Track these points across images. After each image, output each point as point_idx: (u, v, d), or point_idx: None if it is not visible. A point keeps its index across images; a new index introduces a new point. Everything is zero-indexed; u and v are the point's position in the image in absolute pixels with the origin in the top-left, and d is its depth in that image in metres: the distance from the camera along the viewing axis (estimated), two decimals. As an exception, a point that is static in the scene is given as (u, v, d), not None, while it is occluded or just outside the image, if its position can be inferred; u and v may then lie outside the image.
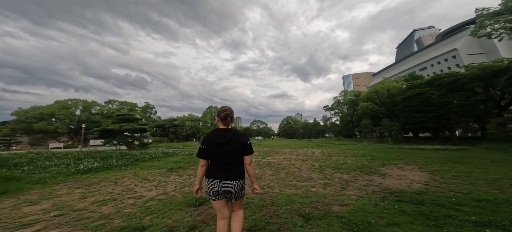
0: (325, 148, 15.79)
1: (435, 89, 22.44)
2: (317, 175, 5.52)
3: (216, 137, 1.73)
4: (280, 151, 13.47)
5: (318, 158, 9.33)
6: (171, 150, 14.86)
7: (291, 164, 7.63)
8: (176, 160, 9.49)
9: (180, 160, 9.46)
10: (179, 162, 8.55)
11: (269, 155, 11.09)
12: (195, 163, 8.26)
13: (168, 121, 25.98)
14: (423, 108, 22.55)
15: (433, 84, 22.89)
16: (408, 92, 24.16)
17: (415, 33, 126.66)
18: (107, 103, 54.87)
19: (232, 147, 1.71)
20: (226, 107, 1.83)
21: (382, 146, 16.98)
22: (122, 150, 13.68)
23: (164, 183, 4.99)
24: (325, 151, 12.49)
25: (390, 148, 14.48)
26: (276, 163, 8.07)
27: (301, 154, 11.39)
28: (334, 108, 56.40)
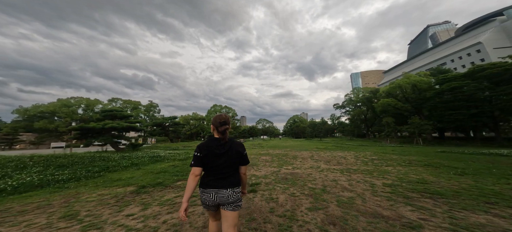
0: (350, 150, 12.87)
1: (477, 82, 18.95)
2: (418, 216, 2.73)
3: (214, 146, 1.63)
4: (297, 155, 10.71)
5: (361, 167, 6.53)
6: (164, 152, 12.38)
7: (330, 180, 4.89)
8: (161, 168, 6.94)
9: (167, 168, 6.91)
10: (162, 174, 5.99)
11: (287, 161, 8.38)
12: (185, 176, 5.68)
13: (167, 119, 23.79)
14: (463, 104, 19.13)
15: (474, 76, 19.39)
16: (442, 87, 20.73)
17: (429, 29, 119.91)
18: (110, 102, 53.90)
19: (231, 157, 1.65)
20: (224, 117, 1.71)
21: (420, 149, 13.81)
22: (108, 152, 11.32)
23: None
24: (357, 155, 9.63)
25: (443, 152, 11.19)
26: (304, 177, 5.35)
27: (329, 159, 8.59)
28: (345, 106, 53.05)
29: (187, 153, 13.22)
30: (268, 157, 10.09)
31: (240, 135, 59.31)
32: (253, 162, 8.51)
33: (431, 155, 9.51)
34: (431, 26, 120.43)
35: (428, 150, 12.50)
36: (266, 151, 14.31)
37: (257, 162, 8.36)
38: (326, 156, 9.76)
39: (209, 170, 1.64)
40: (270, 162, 8.47)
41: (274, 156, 10.77)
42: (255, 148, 17.54)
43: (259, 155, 11.13)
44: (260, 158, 9.71)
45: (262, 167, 7.06)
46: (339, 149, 14.73)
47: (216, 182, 1.60)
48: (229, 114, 66.57)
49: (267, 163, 8.01)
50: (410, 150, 13.26)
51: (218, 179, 1.61)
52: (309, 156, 9.97)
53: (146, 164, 7.82)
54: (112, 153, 11.18)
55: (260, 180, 5.04)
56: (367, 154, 10.10)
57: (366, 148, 14.77)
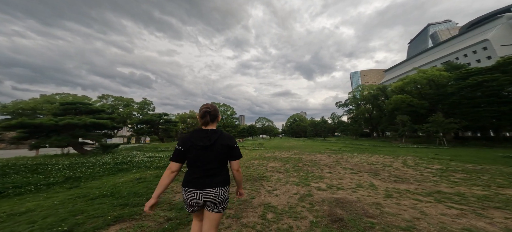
0: (374, 153, 10.39)
1: (509, 75, 16.68)
2: None
3: (197, 138, 1.42)
4: (315, 159, 8.16)
5: (444, 184, 4.00)
6: (144, 156, 9.68)
7: (433, 218, 2.32)
8: (112, 186, 4.31)
9: (123, 185, 4.30)
10: (101, 200, 3.37)
11: (309, 171, 5.85)
12: (143, 201, 3.06)
13: (156, 115, 20.96)
14: (493, 100, 16.87)
15: (506, 69, 17.12)
16: (467, 81, 18.44)
17: (430, 28, 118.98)
18: (100, 98, 50.60)
19: (217, 151, 1.43)
20: (207, 104, 1.53)
21: (461, 151, 11.40)
22: (67, 157, 8.58)
23: None
24: (396, 160, 7.15)
25: (508, 156, 8.57)
26: (371, 213, 2.78)
27: (367, 168, 6.07)
28: (348, 105, 50.91)
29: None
30: (278, 163, 7.53)
31: (239, 133, 56.90)
32: (260, 172, 5.94)
33: (499, 160, 7.07)
34: (432, 25, 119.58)
35: (483, 153, 10.04)
36: (272, 153, 11.75)
37: (265, 173, 5.80)
38: (356, 162, 7.24)
39: (193, 166, 1.43)
40: (284, 171, 5.91)
41: (285, 160, 8.22)
42: (256, 149, 14.96)
43: (265, 160, 8.58)
44: (267, 165, 7.15)
45: (276, 183, 4.52)
46: (356, 150, 12.25)
47: (201, 180, 1.40)
48: (228, 112, 63.80)
49: (281, 175, 5.46)
50: (450, 152, 10.86)
51: (204, 177, 1.41)
52: (333, 162, 7.44)
53: (95, 177, 5.15)
54: (67, 158, 8.43)
55: (284, 223, 2.48)
56: (410, 160, 7.58)
57: (391, 151, 12.32)
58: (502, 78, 16.60)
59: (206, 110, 1.48)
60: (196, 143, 1.39)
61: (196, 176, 1.40)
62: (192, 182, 1.39)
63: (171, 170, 1.39)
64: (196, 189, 1.38)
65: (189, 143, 1.40)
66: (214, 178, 1.41)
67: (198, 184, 1.38)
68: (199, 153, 1.39)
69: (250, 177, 5.36)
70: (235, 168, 1.51)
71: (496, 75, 16.96)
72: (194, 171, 1.41)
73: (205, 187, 1.38)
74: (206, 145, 1.40)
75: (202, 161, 1.40)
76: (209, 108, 1.49)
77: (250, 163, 7.79)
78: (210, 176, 1.40)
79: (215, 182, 1.40)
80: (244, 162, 8.23)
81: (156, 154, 10.91)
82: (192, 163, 1.42)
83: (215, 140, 1.42)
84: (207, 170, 1.40)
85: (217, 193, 1.38)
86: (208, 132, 1.45)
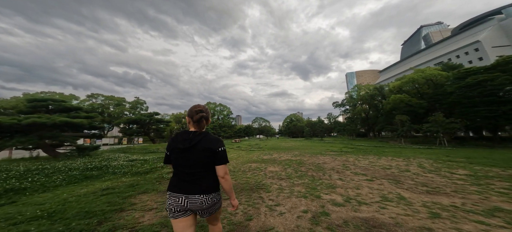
0: (381, 155, 9.68)
1: (508, 75, 16.45)
2: None
3: (180, 140, 1.32)
4: (318, 162, 7.31)
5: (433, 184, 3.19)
6: (126, 159, 8.55)
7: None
8: (66, 199, 3.25)
9: (79, 200, 3.24)
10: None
11: (316, 178, 4.99)
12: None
13: (146, 115, 19.58)
14: (494, 100, 16.60)
15: (505, 68, 16.89)
16: (467, 80, 18.15)
17: (422, 30, 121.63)
18: (89, 97, 48.33)
19: (198, 154, 1.30)
20: (200, 106, 1.43)
21: (468, 152, 10.84)
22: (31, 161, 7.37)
23: None
24: (394, 163, 6.40)
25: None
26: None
27: (382, 173, 5.26)
28: (345, 105, 50.80)
29: (163, 158, 9.51)
30: (278, 167, 6.62)
31: (236, 134, 55.88)
32: (257, 179, 5.03)
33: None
34: (424, 26, 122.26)
35: (495, 155, 9.44)
36: (269, 154, 10.84)
37: (264, 180, 4.89)
38: (366, 166, 6.42)
39: (176, 170, 1.36)
40: (285, 178, 5.01)
41: (285, 163, 7.32)
42: (253, 150, 14.02)
43: (263, 162, 7.66)
44: (266, 170, 6.23)
45: (278, 195, 3.61)
46: (359, 152, 11.51)
47: (184, 185, 1.30)
48: (224, 112, 62.60)
49: (283, 183, 4.55)
50: (459, 153, 10.26)
51: (186, 182, 1.30)
52: (339, 165, 6.59)
53: (48, 188, 4.07)
54: (31, 162, 7.21)
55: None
56: (425, 163, 6.82)
57: (397, 152, 11.67)
58: (502, 77, 16.35)
59: (203, 115, 1.39)
60: (177, 146, 1.32)
61: (179, 180, 1.32)
62: (176, 186, 1.31)
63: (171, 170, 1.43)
64: (180, 194, 1.29)
65: (171, 146, 1.36)
66: (198, 183, 1.30)
67: (182, 189, 1.29)
68: (179, 155, 1.32)
69: (247, 185, 4.43)
70: (221, 174, 1.35)
71: (496, 74, 16.70)
72: (177, 174, 1.35)
73: (190, 193, 1.28)
74: (186, 147, 1.30)
75: (183, 164, 1.31)
76: (205, 112, 1.41)
77: (247, 167, 6.86)
78: (193, 182, 1.30)
79: (200, 188, 1.29)
80: (240, 165, 7.30)
81: (142, 157, 9.79)
82: (175, 166, 1.36)
83: (196, 142, 1.31)
84: (189, 174, 1.30)
85: (203, 200, 1.29)
86: (191, 133, 1.35)
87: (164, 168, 6.73)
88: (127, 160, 8.06)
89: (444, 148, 14.36)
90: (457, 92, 18.88)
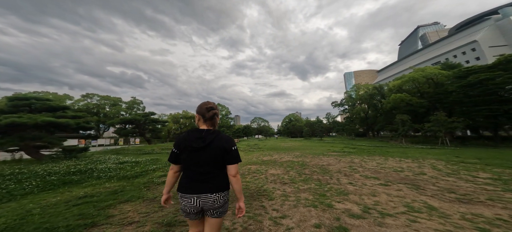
0: (387, 156, 9.27)
1: (510, 73, 16.23)
2: None
3: (192, 139, 1.29)
4: (322, 164, 6.84)
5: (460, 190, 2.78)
6: (116, 162, 7.95)
7: None
8: (29, 210, 2.69)
9: (45, 211, 2.69)
10: None
11: (324, 183, 4.52)
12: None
13: (141, 115, 18.82)
14: (496, 99, 16.39)
15: (507, 67, 16.67)
16: (469, 79, 17.90)
17: (419, 30, 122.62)
18: (84, 97, 47.23)
19: (212, 153, 1.28)
20: (210, 103, 1.39)
21: (469, 151, 10.51)
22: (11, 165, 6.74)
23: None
24: (404, 164, 5.96)
25: None
26: None
27: (400, 178, 4.79)
28: (344, 104, 50.64)
29: (157, 159, 8.92)
30: (280, 170, 6.11)
31: (234, 134, 55.33)
32: (258, 183, 4.53)
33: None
34: (421, 27, 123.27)
35: (506, 155, 9.08)
36: (270, 155, 10.33)
37: (266, 184, 4.40)
38: (375, 168, 5.95)
39: (187, 170, 1.32)
40: (289, 182, 4.52)
41: (287, 165, 6.83)
42: (252, 151, 13.51)
43: (263, 164, 7.15)
44: (267, 173, 5.72)
45: (283, 204, 3.12)
46: (362, 152, 11.10)
47: (196, 185, 1.27)
48: (223, 112, 61.85)
49: (287, 188, 4.06)
50: (467, 153, 9.89)
51: (199, 182, 1.28)
52: (346, 168, 6.11)
53: (15, 197, 3.50)
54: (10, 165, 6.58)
55: None
56: (439, 165, 6.39)
57: (401, 152, 11.28)
58: (505, 76, 16.12)
59: (216, 112, 1.37)
60: (191, 144, 1.27)
61: (191, 180, 1.29)
62: (188, 186, 1.28)
63: (174, 170, 1.38)
64: (192, 194, 1.27)
65: (183, 144, 1.29)
66: (211, 182, 1.28)
67: (195, 189, 1.27)
68: (192, 155, 1.28)
69: (247, 191, 3.93)
70: (232, 173, 1.33)
71: (498, 73, 16.47)
72: (188, 174, 1.31)
73: (203, 192, 1.26)
74: (200, 147, 1.26)
75: (196, 163, 1.28)
76: (214, 108, 1.38)
77: (246, 169, 6.34)
78: (206, 181, 1.28)
79: (212, 186, 1.28)
80: (239, 168, 6.78)
81: (135, 158, 9.18)
82: (186, 166, 1.32)
83: (210, 141, 1.27)
84: (202, 173, 1.28)
85: (216, 198, 1.27)
86: (203, 132, 1.30)
87: (155, 171, 6.17)
88: (117, 162, 7.47)
89: (448, 148, 14.03)
90: (459, 91, 18.63)
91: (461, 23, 66.70)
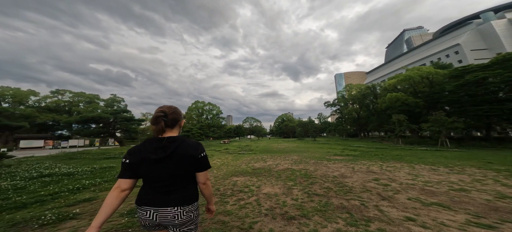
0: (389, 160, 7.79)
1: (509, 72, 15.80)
2: None
3: (150, 149, 1.09)
4: (333, 175, 5.08)
5: None
6: (29, 172, 5.55)
7: None
8: None
9: None
10: None
11: (355, 213, 2.65)
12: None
13: (109, 112, 15.74)
14: (495, 98, 15.88)
15: (506, 65, 16.22)
16: (467, 78, 17.34)
17: (405, 33, 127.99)
18: (54, 94, 42.12)
19: (176, 164, 1.10)
20: (163, 107, 1.20)
21: (482, 153, 9.40)
22: None
23: None
24: (444, 177, 4.41)
25: None
26: None
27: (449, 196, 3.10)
28: (336, 104, 50.32)
29: (112, 167, 6.64)
30: (277, 186, 4.21)
31: (226, 134, 52.96)
32: (245, 217, 2.56)
33: None
34: (407, 30, 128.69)
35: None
36: (263, 160, 8.38)
37: (257, 217, 2.45)
38: (415, 182, 4.27)
39: (147, 183, 1.13)
40: (298, 216, 2.59)
41: (286, 177, 4.97)
42: (242, 154, 11.51)
43: (254, 175, 5.20)
44: (259, 193, 3.82)
45: None
46: (372, 156, 9.60)
47: (154, 198, 1.09)
48: (213, 112, 59.01)
49: (295, 229, 2.12)
50: (490, 156, 8.70)
51: (158, 194, 1.09)
52: (371, 182, 4.36)
53: None
54: None
55: None
56: (500, 176, 4.87)
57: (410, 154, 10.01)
58: (505, 74, 15.62)
59: (158, 115, 1.14)
60: (148, 156, 1.08)
61: (150, 192, 1.10)
62: (144, 198, 1.10)
63: (121, 189, 1.06)
64: (149, 207, 1.08)
65: (138, 156, 1.09)
66: (171, 195, 1.09)
67: (151, 202, 1.08)
68: (152, 167, 1.08)
69: None
70: (202, 181, 1.19)
71: (498, 71, 15.97)
72: (148, 187, 1.11)
73: (161, 206, 1.07)
74: (160, 158, 1.07)
75: (157, 177, 1.09)
76: (165, 111, 1.16)
77: (229, 185, 4.38)
78: (165, 193, 1.09)
79: (174, 199, 1.09)
80: (220, 181, 4.84)
81: (80, 167, 6.80)
82: (145, 179, 1.12)
83: (173, 150, 1.10)
84: (164, 186, 1.09)
85: (177, 213, 1.08)
86: (164, 140, 1.12)
87: (81, 191, 3.99)
88: (35, 175, 5.10)
89: (452, 150, 13.01)
90: (457, 90, 18.04)
91: (445, 26, 69.58)
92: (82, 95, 43.67)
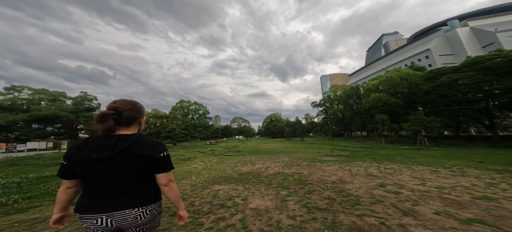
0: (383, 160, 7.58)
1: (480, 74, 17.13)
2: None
3: (92, 148, 0.96)
4: (331, 180, 4.47)
5: None
6: None
7: None
8: None
9: None
10: None
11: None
12: None
13: (69, 110, 13.40)
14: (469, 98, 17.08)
15: (474, 68, 17.57)
16: (442, 79, 18.47)
17: (383, 38, 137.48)
18: (9, 91, 36.20)
19: (126, 164, 0.96)
20: (115, 102, 1.05)
21: (470, 151, 9.74)
22: None
23: None
24: (448, 181, 4.11)
25: None
26: None
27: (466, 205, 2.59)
28: (323, 105, 51.65)
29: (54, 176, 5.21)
30: (268, 197, 3.37)
31: (213, 134, 51.06)
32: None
33: None
34: (385, 35, 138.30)
35: (504, 157, 8.23)
36: (251, 163, 7.50)
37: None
38: (427, 189, 3.78)
39: (89, 186, 0.98)
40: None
41: (278, 184, 4.19)
42: (229, 156, 10.49)
43: (240, 183, 4.31)
44: (246, 206, 2.96)
45: None
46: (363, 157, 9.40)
47: (105, 202, 0.95)
48: (199, 111, 56.43)
49: None
50: (474, 155, 8.92)
51: (109, 197, 0.97)
52: (378, 189, 3.77)
53: None
54: None
55: None
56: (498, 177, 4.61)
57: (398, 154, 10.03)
58: (476, 76, 16.86)
59: (106, 113, 0.97)
60: (87, 155, 0.94)
61: (96, 198, 0.96)
62: (91, 206, 0.95)
63: (66, 186, 1.00)
64: (99, 214, 0.94)
65: (78, 155, 0.95)
66: (130, 194, 0.98)
67: (102, 207, 0.94)
68: (92, 168, 0.94)
69: None
70: (163, 182, 1.05)
71: (469, 73, 17.21)
72: (92, 192, 0.97)
73: (117, 209, 0.95)
74: (104, 157, 0.94)
75: (100, 178, 0.96)
76: (117, 108, 1.00)
77: (207, 196, 3.44)
78: (121, 195, 0.97)
79: (133, 199, 0.98)
80: (198, 191, 3.91)
81: (18, 176, 5.24)
82: (87, 182, 0.98)
83: (124, 149, 0.96)
84: (114, 188, 0.96)
85: (139, 214, 0.97)
86: (113, 138, 0.99)
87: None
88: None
89: (432, 149, 13.52)
90: (433, 91, 19.15)
91: (417, 32, 75.57)
92: (44, 93, 38.04)
